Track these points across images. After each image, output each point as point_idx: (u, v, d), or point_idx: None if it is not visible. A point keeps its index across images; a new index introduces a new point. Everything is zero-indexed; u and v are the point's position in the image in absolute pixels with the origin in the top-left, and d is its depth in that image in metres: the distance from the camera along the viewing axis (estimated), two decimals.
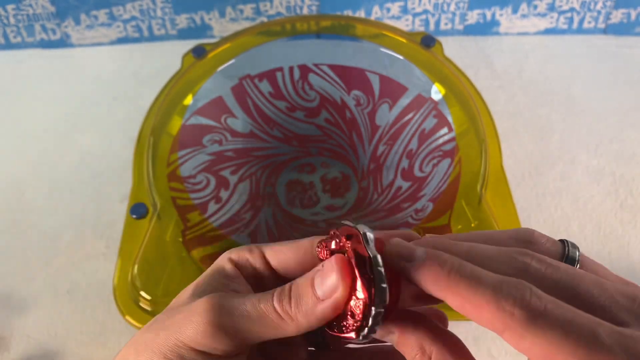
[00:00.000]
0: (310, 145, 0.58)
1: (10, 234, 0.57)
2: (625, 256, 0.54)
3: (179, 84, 0.53)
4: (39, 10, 0.71)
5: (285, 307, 0.21)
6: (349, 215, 0.54)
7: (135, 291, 0.42)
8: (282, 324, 0.21)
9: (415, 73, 0.54)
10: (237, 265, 0.24)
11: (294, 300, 0.21)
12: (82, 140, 0.65)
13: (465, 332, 0.49)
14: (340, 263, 0.20)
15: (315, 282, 0.21)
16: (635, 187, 0.59)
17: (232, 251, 0.25)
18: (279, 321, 0.21)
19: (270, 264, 0.24)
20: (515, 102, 0.67)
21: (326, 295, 0.20)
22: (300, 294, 0.21)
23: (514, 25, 0.73)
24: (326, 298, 0.20)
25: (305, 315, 0.21)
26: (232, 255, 0.25)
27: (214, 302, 0.21)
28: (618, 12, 0.72)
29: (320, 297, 0.20)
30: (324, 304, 0.20)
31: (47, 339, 0.50)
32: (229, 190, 0.52)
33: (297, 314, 0.21)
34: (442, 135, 0.52)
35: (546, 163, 0.61)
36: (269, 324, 0.21)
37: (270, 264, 0.24)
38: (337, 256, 0.21)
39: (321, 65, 0.56)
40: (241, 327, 0.21)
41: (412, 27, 0.74)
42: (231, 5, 0.72)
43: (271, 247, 0.24)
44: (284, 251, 0.24)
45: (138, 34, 0.74)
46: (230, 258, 0.25)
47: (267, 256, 0.24)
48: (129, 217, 0.45)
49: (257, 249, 0.24)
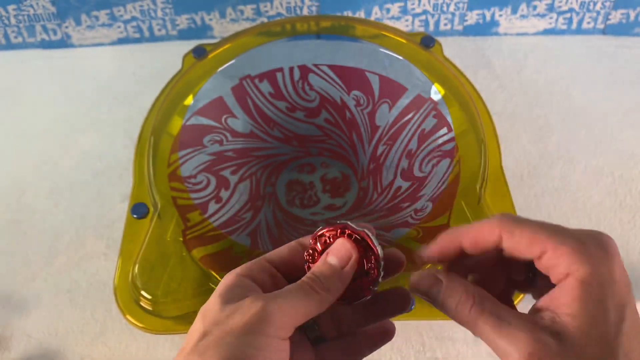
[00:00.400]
0: (310, 145, 0.58)
1: (11, 233, 0.57)
2: (624, 256, 0.54)
3: (180, 84, 0.54)
4: (39, 10, 0.71)
5: (317, 286, 0.25)
6: (349, 215, 0.54)
7: (135, 291, 0.42)
8: (322, 298, 0.25)
9: (415, 73, 0.54)
10: (248, 276, 0.27)
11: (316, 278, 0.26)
12: (82, 140, 0.65)
13: (464, 331, 0.49)
14: (347, 240, 0.27)
15: (329, 260, 0.26)
16: (634, 187, 0.59)
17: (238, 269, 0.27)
18: (317, 297, 0.25)
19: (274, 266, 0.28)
20: (515, 103, 0.67)
21: (344, 262, 0.26)
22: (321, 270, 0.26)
23: (513, 26, 0.74)
24: (345, 264, 0.26)
25: (339, 282, 0.26)
26: (241, 271, 0.27)
27: (262, 297, 0.24)
28: (617, 13, 0.72)
29: (338, 265, 0.26)
30: (345, 269, 0.26)
31: (48, 338, 0.50)
32: (229, 190, 0.52)
33: (329, 285, 0.26)
34: (441, 136, 0.52)
35: (545, 163, 0.61)
36: (312, 301, 0.25)
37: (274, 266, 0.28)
38: (340, 238, 0.27)
39: (321, 66, 0.56)
40: (291, 311, 0.24)
41: (412, 28, 0.74)
42: (231, 6, 0.72)
43: (273, 256, 0.28)
44: (281, 254, 0.28)
45: (139, 35, 0.74)
46: (240, 273, 0.27)
47: (266, 257, 0.28)
48: (129, 216, 0.46)
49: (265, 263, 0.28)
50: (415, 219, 0.49)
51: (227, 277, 0.26)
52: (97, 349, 0.49)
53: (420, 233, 0.47)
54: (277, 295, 0.24)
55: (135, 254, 0.43)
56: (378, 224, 0.51)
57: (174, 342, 0.50)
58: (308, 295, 0.25)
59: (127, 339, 0.50)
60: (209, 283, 0.42)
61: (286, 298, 0.24)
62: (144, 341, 0.50)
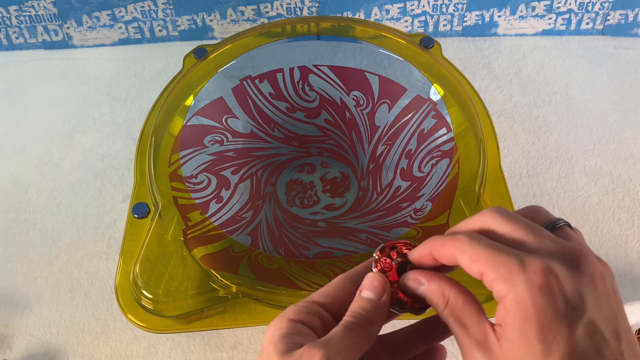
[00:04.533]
0: (310, 145, 0.58)
1: (12, 233, 0.57)
2: (622, 255, 0.54)
3: (181, 85, 0.54)
4: (41, 11, 0.71)
5: (361, 322, 0.26)
6: (348, 215, 0.54)
7: (136, 290, 0.42)
8: (369, 333, 0.26)
9: (414, 74, 0.55)
10: (299, 321, 0.27)
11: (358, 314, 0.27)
12: (84, 140, 0.65)
13: None
14: (376, 274, 0.28)
15: (363, 294, 0.27)
16: (632, 187, 0.59)
17: (286, 312, 0.27)
18: (365, 332, 0.26)
19: (318, 301, 0.28)
20: (513, 103, 0.67)
21: (379, 294, 0.27)
22: (361, 305, 0.27)
23: (512, 27, 0.74)
24: (381, 295, 0.27)
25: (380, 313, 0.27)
26: (292, 315, 0.27)
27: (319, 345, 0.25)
28: (616, 14, 0.72)
29: (375, 298, 0.27)
30: (383, 299, 0.27)
31: (49, 337, 0.50)
32: (230, 190, 0.53)
33: (372, 318, 0.26)
34: (440, 136, 0.52)
35: (544, 163, 0.61)
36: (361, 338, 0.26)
37: (318, 302, 0.28)
38: (369, 274, 0.28)
39: (321, 67, 0.57)
40: (347, 354, 0.25)
41: (411, 29, 0.74)
42: (232, 7, 0.72)
43: (316, 292, 0.28)
44: (325, 288, 0.28)
45: (140, 35, 0.74)
46: (292, 319, 0.27)
47: (315, 299, 0.28)
48: (130, 216, 0.46)
49: (304, 301, 0.28)
50: (415, 219, 0.49)
51: (279, 324, 0.27)
52: (99, 348, 0.50)
53: (419, 233, 0.48)
54: (330, 339, 0.25)
55: (136, 253, 0.43)
56: (378, 224, 0.51)
57: (175, 341, 0.50)
58: (357, 333, 0.26)
59: (128, 338, 0.50)
60: (209, 282, 0.43)
61: (339, 341, 0.25)
62: (145, 340, 0.50)
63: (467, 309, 0.25)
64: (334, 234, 0.52)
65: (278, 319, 0.27)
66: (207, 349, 0.49)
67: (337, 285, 0.28)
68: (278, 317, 0.27)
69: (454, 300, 0.25)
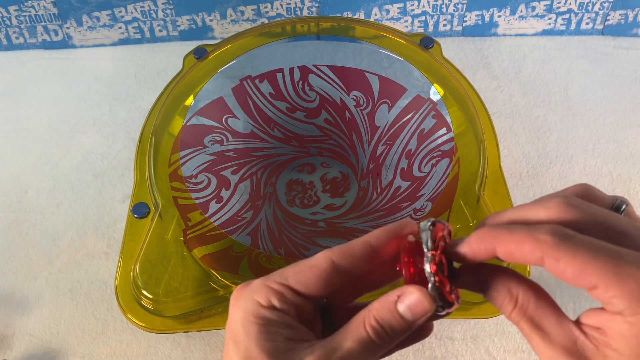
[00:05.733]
0: (310, 145, 0.58)
1: (12, 233, 0.57)
2: None
3: (181, 85, 0.54)
4: (41, 11, 0.71)
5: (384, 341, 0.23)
6: (348, 215, 0.54)
7: (136, 290, 0.42)
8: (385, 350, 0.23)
9: (414, 74, 0.55)
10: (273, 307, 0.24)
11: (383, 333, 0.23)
12: (84, 140, 0.65)
13: (463, 331, 0.50)
14: (418, 288, 0.23)
15: (400, 309, 0.23)
16: (632, 187, 0.59)
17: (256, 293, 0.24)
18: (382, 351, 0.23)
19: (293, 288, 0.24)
20: (513, 103, 0.67)
21: (417, 317, 0.23)
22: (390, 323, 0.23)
23: (512, 27, 0.74)
24: (418, 319, 0.23)
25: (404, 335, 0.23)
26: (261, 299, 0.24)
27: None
28: (615, 14, 0.72)
29: (411, 320, 0.23)
30: (417, 323, 0.23)
31: (49, 337, 0.50)
32: (230, 189, 0.53)
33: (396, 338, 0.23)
34: (440, 136, 0.52)
35: (544, 163, 0.61)
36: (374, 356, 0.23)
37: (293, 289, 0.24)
38: (410, 286, 0.23)
39: (321, 67, 0.57)
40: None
41: (411, 29, 0.74)
42: (232, 7, 0.72)
43: (291, 274, 0.24)
44: (304, 273, 0.24)
45: (140, 35, 0.74)
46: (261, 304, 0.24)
47: (291, 284, 0.24)
48: (130, 216, 0.46)
49: (277, 283, 0.24)
50: (415, 219, 0.49)
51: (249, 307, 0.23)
52: (99, 348, 0.50)
53: None
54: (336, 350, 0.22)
55: (136, 253, 0.43)
56: (378, 224, 0.52)
57: (175, 341, 0.50)
58: (374, 353, 0.23)
59: (128, 338, 0.50)
60: (209, 282, 0.43)
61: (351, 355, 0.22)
62: (145, 340, 0.50)
63: (542, 309, 0.22)
64: (334, 234, 0.52)
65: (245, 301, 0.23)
66: (207, 349, 0.49)
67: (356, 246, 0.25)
68: (246, 289, 0.24)
69: (524, 299, 0.22)
